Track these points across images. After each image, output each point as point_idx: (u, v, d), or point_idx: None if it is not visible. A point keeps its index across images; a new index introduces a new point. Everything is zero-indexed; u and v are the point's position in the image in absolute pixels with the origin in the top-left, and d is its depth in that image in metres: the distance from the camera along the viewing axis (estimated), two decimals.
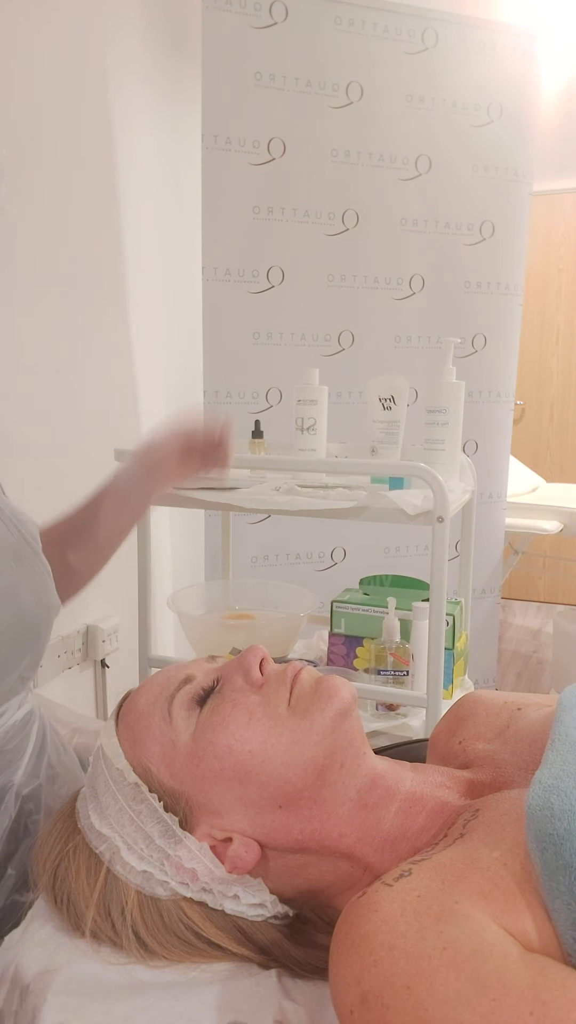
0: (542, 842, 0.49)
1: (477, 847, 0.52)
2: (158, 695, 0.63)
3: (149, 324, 1.97)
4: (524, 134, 2.17)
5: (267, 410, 2.04)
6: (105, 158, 1.75)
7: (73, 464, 1.62)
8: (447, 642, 1.22)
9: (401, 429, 1.31)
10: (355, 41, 1.97)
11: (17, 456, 1.47)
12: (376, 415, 1.30)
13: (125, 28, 1.80)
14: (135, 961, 0.58)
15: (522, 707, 0.70)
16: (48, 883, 0.62)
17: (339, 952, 0.49)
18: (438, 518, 1.14)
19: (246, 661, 0.63)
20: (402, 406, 1.30)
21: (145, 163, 1.93)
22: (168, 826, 0.59)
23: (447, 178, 2.11)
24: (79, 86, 1.63)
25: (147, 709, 0.62)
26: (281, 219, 1.99)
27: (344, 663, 1.39)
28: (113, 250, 1.80)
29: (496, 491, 2.32)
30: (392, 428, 1.30)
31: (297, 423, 1.32)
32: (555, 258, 3.80)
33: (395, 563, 2.18)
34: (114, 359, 1.83)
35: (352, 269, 2.08)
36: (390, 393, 1.29)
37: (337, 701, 0.60)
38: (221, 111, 1.88)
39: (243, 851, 0.58)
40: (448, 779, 0.64)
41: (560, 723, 0.60)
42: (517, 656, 3.34)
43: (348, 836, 0.59)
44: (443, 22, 2.03)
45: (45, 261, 1.53)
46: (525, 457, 3.69)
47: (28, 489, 1.38)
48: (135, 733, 0.62)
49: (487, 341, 2.22)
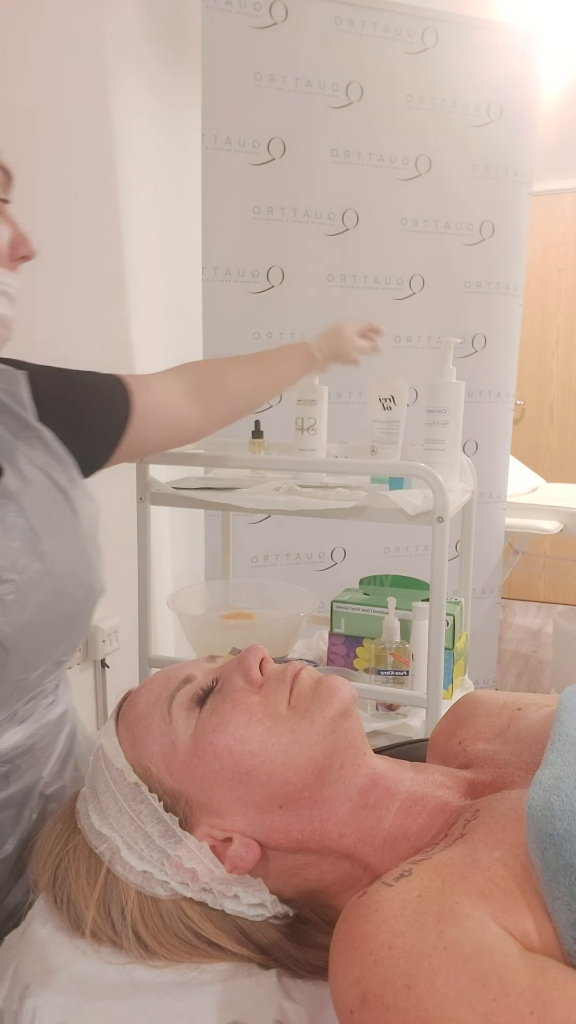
0: (542, 842, 0.49)
1: (477, 847, 0.52)
2: (158, 695, 0.63)
3: (149, 324, 1.97)
4: (524, 134, 2.17)
5: (267, 410, 2.04)
6: (105, 158, 1.75)
7: None
8: (447, 642, 1.22)
9: (401, 429, 1.31)
10: (355, 41, 1.97)
11: None
12: (376, 415, 1.30)
13: (125, 28, 1.80)
14: (135, 961, 0.58)
15: (522, 707, 0.70)
16: (48, 883, 0.62)
17: (339, 952, 0.49)
18: (438, 518, 1.14)
19: (246, 661, 0.63)
20: (402, 406, 1.30)
21: (145, 163, 1.93)
22: (168, 826, 0.59)
23: (447, 178, 2.11)
24: (79, 86, 1.63)
25: (147, 709, 0.62)
26: (281, 219, 1.99)
27: (344, 663, 1.39)
28: (113, 250, 1.80)
29: (496, 491, 2.32)
30: (392, 428, 1.30)
31: (297, 423, 1.32)
32: (555, 258, 3.80)
33: (395, 563, 2.18)
34: (114, 359, 1.83)
35: (352, 269, 2.08)
36: (390, 393, 1.29)
37: (337, 701, 0.60)
38: (221, 111, 1.88)
39: (243, 851, 0.58)
40: (448, 779, 0.64)
41: (560, 723, 0.60)
42: (517, 656, 3.34)
43: (348, 836, 0.59)
44: (443, 22, 2.03)
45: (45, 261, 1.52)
46: (525, 457, 3.70)
47: None
48: (135, 733, 0.62)
49: (487, 341, 2.22)
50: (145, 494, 1.30)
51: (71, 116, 1.60)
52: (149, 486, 1.30)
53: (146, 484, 1.30)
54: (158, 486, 1.31)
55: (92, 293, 1.71)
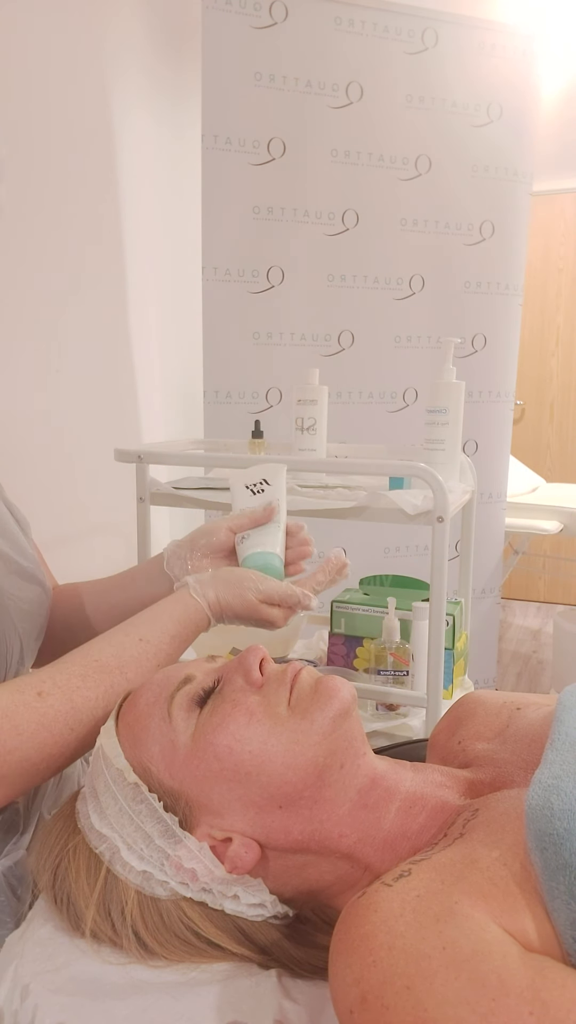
0: (542, 842, 0.49)
1: (477, 847, 0.52)
2: (158, 695, 0.63)
3: (149, 324, 1.97)
4: (523, 134, 2.17)
5: (267, 410, 2.04)
6: (105, 158, 1.75)
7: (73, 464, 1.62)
8: (447, 642, 1.22)
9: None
10: (355, 41, 1.97)
11: (17, 456, 1.47)
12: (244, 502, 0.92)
13: (125, 28, 1.80)
14: (135, 961, 0.58)
15: (521, 707, 0.70)
16: (48, 883, 0.62)
17: (339, 952, 0.49)
18: (438, 518, 1.14)
19: (246, 661, 0.63)
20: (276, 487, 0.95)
21: (145, 163, 1.93)
22: (168, 826, 0.59)
23: (447, 178, 2.11)
24: (79, 86, 1.63)
25: (147, 709, 0.62)
26: (281, 219, 1.99)
27: (344, 663, 1.39)
28: (113, 250, 1.80)
29: (496, 491, 2.32)
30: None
31: (297, 423, 1.32)
32: (555, 258, 3.80)
33: (395, 563, 2.18)
34: (114, 359, 1.83)
35: (352, 269, 2.08)
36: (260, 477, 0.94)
37: (337, 701, 0.60)
38: (221, 111, 1.88)
39: (243, 851, 0.58)
40: (448, 779, 0.64)
41: (560, 723, 0.60)
42: (517, 656, 3.34)
43: (348, 836, 0.59)
44: (443, 22, 2.03)
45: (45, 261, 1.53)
46: (525, 457, 3.70)
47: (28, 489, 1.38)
48: (135, 733, 0.62)
49: (487, 341, 2.22)
50: (145, 494, 1.30)
51: (71, 116, 1.60)
52: (149, 486, 1.30)
53: (146, 484, 1.30)
54: (158, 486, 1.31)
55: (92, 293, 1.71)
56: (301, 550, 0.88)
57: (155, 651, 0.72)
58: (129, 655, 0.71)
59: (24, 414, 1.50)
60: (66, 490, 1.64)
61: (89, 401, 1.70)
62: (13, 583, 0.77)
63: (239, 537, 0.85)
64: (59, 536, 1.55)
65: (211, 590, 0.77)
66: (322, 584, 0.85)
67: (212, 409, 2.00)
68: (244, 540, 0.85)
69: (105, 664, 0.69)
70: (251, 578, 0.79)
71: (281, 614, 0.80)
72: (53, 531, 1.42)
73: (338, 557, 0.88)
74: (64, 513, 1.62)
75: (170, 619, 0.75)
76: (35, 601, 0.80)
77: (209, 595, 0.77)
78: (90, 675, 0.67)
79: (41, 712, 0.63)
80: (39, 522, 0.90)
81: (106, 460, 1.32)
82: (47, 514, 0.93)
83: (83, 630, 0.87)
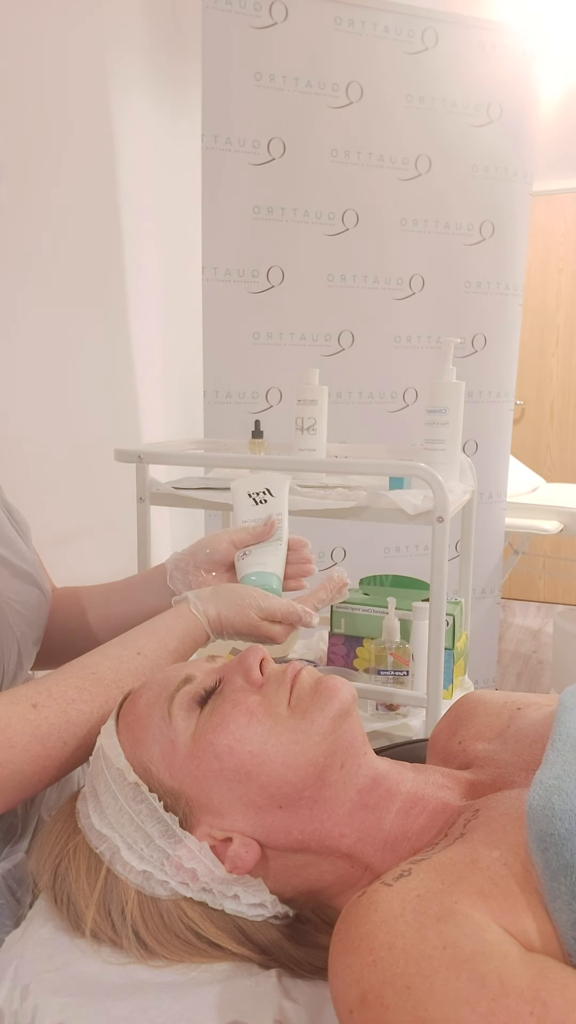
0: (543, 842, 0.49)
1: (477, 847, 0.52)
2: (158, 695, 0.63)
3: (149, 324, 1.97)
4: (524, 134, 2.17)
5: (267, 410, 2.04)
6: (105, 158, 1.75)
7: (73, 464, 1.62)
8: (447, 642, 1.22)
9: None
10: (355, 41, 1.97)
11: (17, 456, 1.47)
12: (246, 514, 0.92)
13: (125, 28, 1.80)
14: (135, 961, 0.58)
15: (522, 707, 0.70)
16: (48, 883, 0.62)
17: (339, 952, 0.49)
18: (438, 518, 1.14)
19: (246, 661, 0.63)
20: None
21: (145, 163, 1.93)
22: (168, 826, 0.59)
23: (447, 178, 2.11)
24: (79, 87, 1.63)
25: (147, 709, 0.62)
26: (281, 219, 1.99)
27: (344, 663, 1.39)
28: (113, 250, 1.80)
29: (496, 491, 2.32)
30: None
31: (297, 423, 1.32)
32: (555, 258, 3.80)
33: (395, 563, 2.18)
34: (114, 359, 1.83)
35: (352, 269, 2.08)
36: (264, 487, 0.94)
37: (337, 701, 0.60)
38: (221, 111, 1.88)
39: (243, 851, 0.58)
40: (448, 779, 0.64)
41: (561, 723, 0.60)
42: (517, 656, 3.34)
43: (348, 836, 0.59)
44: (443, 22, 2.03)
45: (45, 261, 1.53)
46: (525, 457, 3.70)
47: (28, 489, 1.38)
48: (135, 733, 0.62)
49: (487, 341, 2.22)
50: (145, 494, 1.30)
51: (71, 116, 1.60)
52: (149, 486, 1.30)
53: (146, 484, 1.30)
54: (158, 486, 1.31)
55: (92, 293, 1.71)
56: (302, 567, 0.88)
57: (152, 665, 0.72)
58: (126, 669, 0.71)
59: (24, 414, 1.50)
60: (66, 490, 1.64)
61: (89, 401, 1.70)
62: (11, 586, 0.77)
63: (240, 553, 0.85)
64: (59, 536, 1.55)
65: (212, 607, 0.77)
66: (323, 602, 0.86)
67: (212, 409, 2.00)
68: (244, 557, 0.85)
69: (102, 677, 0.69)
70: (252, 595, 0.79)
71: (282, 631, 0.80)
72: (53, 531, 1.42)
73: (340, 576, 0.88)
74: (64, 513, 1.62)
75: (169, 634, 0.75)
76: (34, 605, 0.80)
77: (210, 612, 0.77)
78: (86, 688, 0.67)
79: (35, 724, 0.63)
80: (39, 522, 0.90)
81: (106, 460, 1.32)
82: (47, 514, 0.93)
83: (82, 635, 0.87)
